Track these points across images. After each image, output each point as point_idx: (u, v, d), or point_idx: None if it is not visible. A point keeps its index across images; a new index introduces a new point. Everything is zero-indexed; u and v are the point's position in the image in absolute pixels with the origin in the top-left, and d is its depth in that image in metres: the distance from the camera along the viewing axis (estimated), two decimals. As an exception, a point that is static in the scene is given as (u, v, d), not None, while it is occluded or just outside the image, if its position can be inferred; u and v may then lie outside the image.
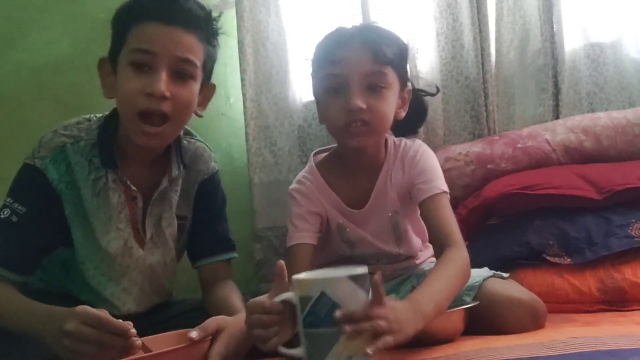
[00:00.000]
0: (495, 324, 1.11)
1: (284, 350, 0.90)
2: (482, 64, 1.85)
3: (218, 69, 2.08)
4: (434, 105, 1.87)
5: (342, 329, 0.82)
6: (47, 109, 1.93)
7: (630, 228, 1.44)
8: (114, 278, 1.18)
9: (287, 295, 0.89)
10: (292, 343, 0.91)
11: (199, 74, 1.14)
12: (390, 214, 1.30)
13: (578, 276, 1.42)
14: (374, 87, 1.18)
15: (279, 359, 1.17)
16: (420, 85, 1.70)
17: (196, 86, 1.14)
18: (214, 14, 1.17)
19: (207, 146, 1.33)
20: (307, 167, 1.35)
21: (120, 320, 0.89)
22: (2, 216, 1.10)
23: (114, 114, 1.17)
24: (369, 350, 0.82)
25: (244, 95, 1.89)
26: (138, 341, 0.88)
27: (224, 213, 1.34)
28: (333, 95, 1.20)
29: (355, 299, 0.84)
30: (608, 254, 1.42)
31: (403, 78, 1.26)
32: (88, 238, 1.15)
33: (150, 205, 1.19)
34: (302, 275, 0.89)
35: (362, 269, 0.86)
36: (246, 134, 1.89)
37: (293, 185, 1.32)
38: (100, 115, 1.21)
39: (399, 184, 1.29)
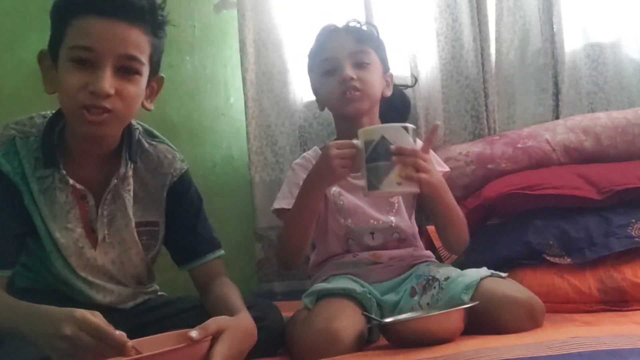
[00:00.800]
0: (493, 323, 1.11)
1: (351, 178, 1.27)
2: (482, 64, 1.84)
3: (218, 69, 2.10)
4: (434, 105, 1.87)
5: (394, 159, 1.14)
6: (48, 108, 1.91)
7: (630, 228, 1.44)
8: (76, 272, 1.16)
9: (355, 141, 1.21)
10: None
11: (145, 68, 1.10)
12: None
13: (578, 276, 1.42)
14: (361, 64, 1.43)
15: (280, 358, 1.18)
16: (421, 88, 1.84)
17: (143, 80, 1.11)
18: (159, 2, 1.11)
19: (171, 146, 1.28)
20: (310, 150, 1.57)
21: (118, 332, 0.88)
22: None
23: (61, 112, 1.14)
24: (407, 180, 1.16)
25: (245, 94, 1.89)
26: (132, 351, 0.88)
27: (202, 212, 1.30)
28: (328, 77, 1.44)
29: (406, 143, 1.17)
30: (608, 254, 1.42)
31: (384, 64, 1.50)
32: (46, 230, 1.14)
33: (101, 205, 1.16)
34: (366, 127, 1.26)
35: (412, 125, 1.20)
36: (247, 133, 1.89)
37: (296, 160, 1.53)
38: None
39: None
